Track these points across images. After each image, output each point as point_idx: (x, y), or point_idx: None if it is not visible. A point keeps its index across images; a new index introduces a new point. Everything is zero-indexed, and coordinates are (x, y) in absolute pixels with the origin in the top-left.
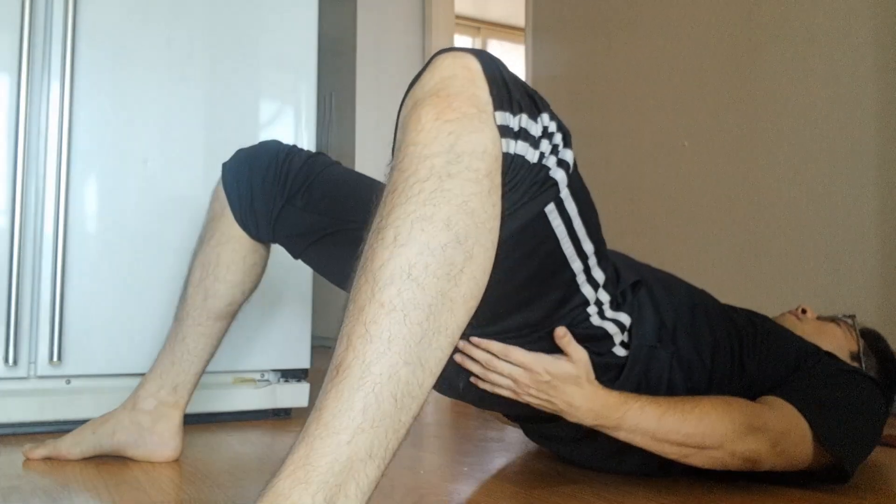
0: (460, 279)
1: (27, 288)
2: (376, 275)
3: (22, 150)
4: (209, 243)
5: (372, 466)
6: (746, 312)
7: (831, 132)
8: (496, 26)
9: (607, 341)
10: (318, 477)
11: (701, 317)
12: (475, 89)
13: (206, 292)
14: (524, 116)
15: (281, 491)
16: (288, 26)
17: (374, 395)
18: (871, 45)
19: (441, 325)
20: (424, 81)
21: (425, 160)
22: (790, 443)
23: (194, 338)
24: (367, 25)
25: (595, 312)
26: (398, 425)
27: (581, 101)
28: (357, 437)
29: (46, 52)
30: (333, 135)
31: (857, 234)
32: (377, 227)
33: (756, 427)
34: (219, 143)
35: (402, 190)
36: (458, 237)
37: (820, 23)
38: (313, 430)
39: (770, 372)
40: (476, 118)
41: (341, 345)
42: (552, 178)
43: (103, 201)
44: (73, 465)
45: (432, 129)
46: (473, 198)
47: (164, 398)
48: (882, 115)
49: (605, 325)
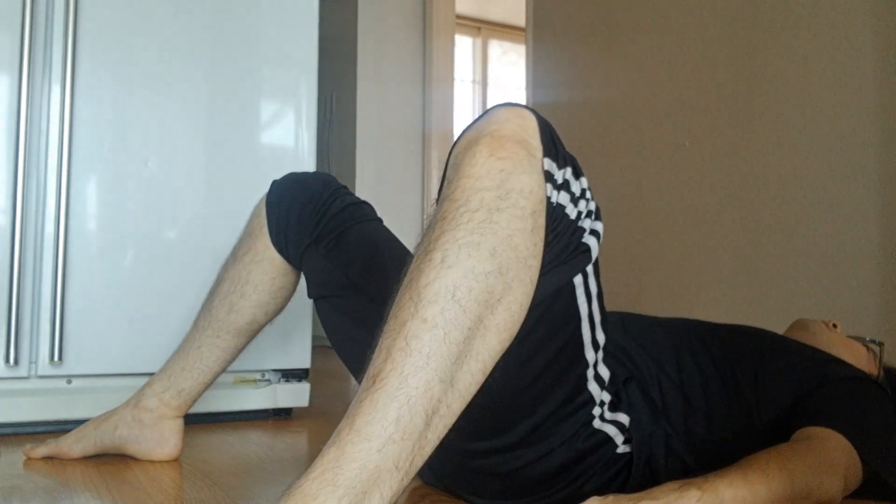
0: (497, 308)
1: (28, 288)
2: (421, 292)
3: (23, 151)
4: (242, 259)
5: (396, 478)
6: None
7: (832, 132)
8: (497, 26)
9: (609, 445)
10: (346, 481)
11: (686, 359)
12: (527, 136)
13: (230, 307)
14: (568, 170)
15: (308, 491)
16: (288, 26)
17: (409, 406)
18: (873, 47)
19: (474, 350)
20: (480, 125)
21: (477, 192)
22: (852, 474)
23: (210, 348)
24: (368, 25)
25: (598, 414)
26: (424, 442)
27: (581, 101)
28: (387, 446)
29: (47, 52)
30: (334, 135)
31: (858, 235)
32: (425, 250)
33: (830, 466)
34: (219, 143)
35: (452, 217)
36: (500, 268)
37: (821, 23)
38: (345, 434)
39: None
40: (526, 160)
41: (379, 356)
42: (586, 244)
43: (104, 201)
44: (73, 464)
45: (485, 165)
46: (518, 233)
47: (168, 400)
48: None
49: (605, 429)
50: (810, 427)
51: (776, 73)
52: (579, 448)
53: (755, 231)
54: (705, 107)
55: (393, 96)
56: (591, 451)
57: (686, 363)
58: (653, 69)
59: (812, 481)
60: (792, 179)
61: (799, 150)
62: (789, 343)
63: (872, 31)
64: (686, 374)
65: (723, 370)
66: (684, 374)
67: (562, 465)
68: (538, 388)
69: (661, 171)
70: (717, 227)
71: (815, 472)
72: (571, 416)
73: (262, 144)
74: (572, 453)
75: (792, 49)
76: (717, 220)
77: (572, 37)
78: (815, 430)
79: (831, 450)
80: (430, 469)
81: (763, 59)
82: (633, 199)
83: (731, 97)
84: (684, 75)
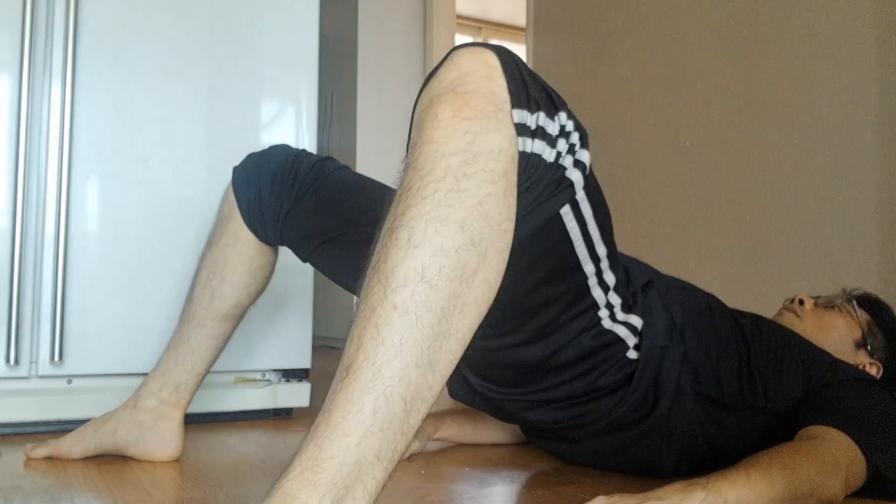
0: (473, 282)
1: (28, 288)
2: (389, 275)
3: (23, 150)
4: (217, 245)
5: (379, 469)
6: (753, 318)
7: (833, 132)
8: (497, 26)
9: (620, 346)
10: (326, 479)
11: (708, 319)
12: (493, 86)
13: (212, 293)
14: (542, 115)
15: (288, 492)
16: (289, 26)
17: (385, 397)
18: (874, 47)
19: (452, 328)
20: (442, 77)
21: (441, 159)
22: (854, 473)
23: (199, 339)
24: (369, 25)
25: (606, 316)
26: (406, 427)
27: (582, 101)
28: (366, 439)
29: (48, 52)
30: (334, 134)
31: (858, 234)
32: (391, 227)
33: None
34: (220, 143)
35: (417, 189)
36: (472, 239)
37: (822, 23)
38: (322, 430)
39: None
40: (493, 116)
41: (352, 345)
42: (568, 179)
43: (104, 201)
44: (74, 464)
45: (448, 127)
46: (489, 199)
47: (166, 398)
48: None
49: (616, 329)
50: (814, 426)
51: (776, 72)
52: (588, 345)
53: (755, 231)
54: (705, 107)
55: (393, 96)
56: (601, 349)
57: (706, 322)
58: (653, 69)
59: (814, 481)
60: (792, 179)
61: (799, 149)
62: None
63: (873, 31)
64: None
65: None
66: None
67: (575, 358)
68: (536, 299)
69: (662, 171)
70: (718, 226)
71: (818, 471)
72: (576, 318)
73: (262, 144)
74: (582, 350)
75: (792, 49)
76: (717, 219)
77: (572, 37)
78: (819, 429)
79: (834, 449)
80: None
81: (763, 59)
82: (634, 199)
83: (733, 97)
84: (685, 75)
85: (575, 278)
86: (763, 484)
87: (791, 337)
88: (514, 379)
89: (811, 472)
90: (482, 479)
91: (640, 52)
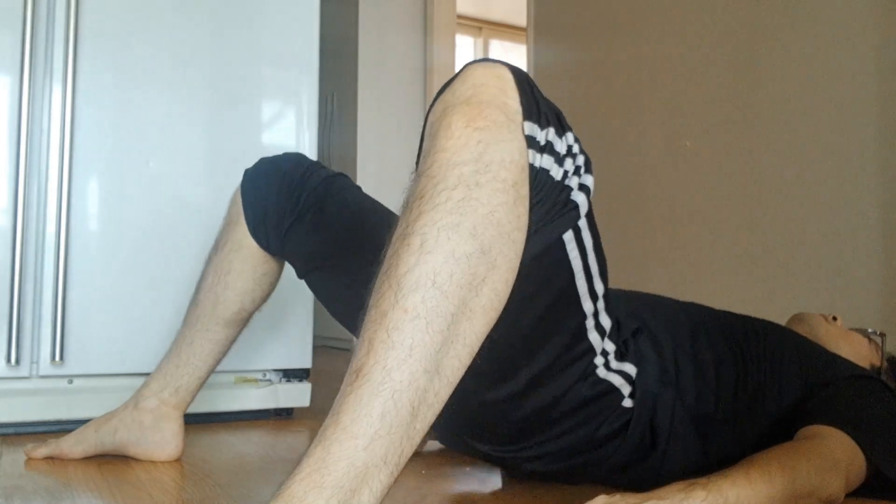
0: (482, 289)
1: (29, 288)
2: (401, 281)
3: (24, 151)
4: (223, 249)
5: (385, 473)
6: (745, 319)
7: (833, 133)
8: (498, 26)
9: (615, 395)
10: (333, 481)
11: (701, 338)
12: (506, 98)
13: (215, 298)
14: (551, 130)
15: (295, 493)
16: (289, 26)
17: (394, 401)
18: (874, 48)
19: (460, 335)
20: (455, 88)
21: (454, 168)
22: (854, 473)
23: (202, 342)
24: (369, 25)
25: (602, 364)
26: (413, 433)
27: (582, 102)
28: (374, 442)
29: (48, 52)
30: (335, 135)
31: (859, 235)
32: (403, 233)
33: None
34: (220, 143)
35: (429, 197)
36: (483, 247)
37: (823, 24)
38: (331, 433)
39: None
40: (505, 127)
41: (362, 349)
42: (574, 201)
43: (105, 202)
44: (74, 464)
45: (462, 137)
46: (500, 208)
47: (167, 398)
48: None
49: (610, 378)
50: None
51: (776, 72)
52: (585, 395)
53: (755, 230)
54: (705, 107)
55: (394, 96)
56: (597, 398)
57: (701, 340)
58: (653, 68)
59: (815, 480)
60: (792, 178)
61: (799, 148)
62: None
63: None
64: (700, 348)
65: (735, 354)
66: (698, 347)
67: (573, 408)
68: (534, 339)
69: (662, 171)
70: (718, 226)
71: (818, 471)
72: (572, 364)
73: (263, 145)
74: (578, 400)
75: (792, 48)
76: (717, 219)
77: (572, 37)
78: (819, 428)
79: (834, 448)
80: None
81: (763, 59)
82: (633, 199)
83: (733, 97)
84: (684, 75)
85: (574, 317)
86: (763, 483)
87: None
88: (513, 435)
89: (811, 472)
90: (482, 479)
91: (641, 53)
